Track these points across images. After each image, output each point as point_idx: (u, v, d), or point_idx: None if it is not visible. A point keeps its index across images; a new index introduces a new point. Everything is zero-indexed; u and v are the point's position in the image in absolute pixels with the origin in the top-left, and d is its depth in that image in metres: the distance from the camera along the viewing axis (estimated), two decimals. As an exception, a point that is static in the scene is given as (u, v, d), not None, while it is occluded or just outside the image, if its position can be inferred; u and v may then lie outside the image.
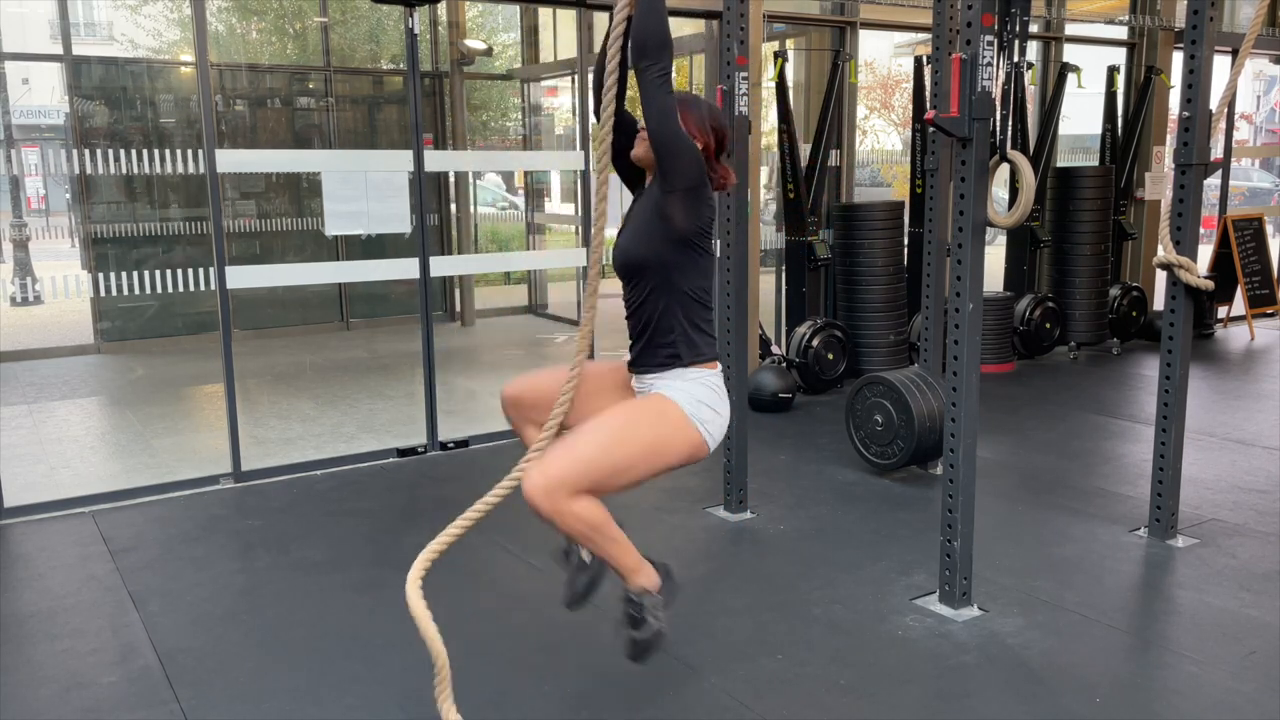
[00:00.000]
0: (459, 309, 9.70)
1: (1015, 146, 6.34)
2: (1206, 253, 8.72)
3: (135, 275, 4.59)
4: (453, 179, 9.61)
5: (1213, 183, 8.92)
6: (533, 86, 10.36)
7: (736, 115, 4.01)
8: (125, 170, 4.68)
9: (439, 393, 5.39)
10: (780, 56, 6.37)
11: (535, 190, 10.93)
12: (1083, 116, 9.29)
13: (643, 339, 2.59)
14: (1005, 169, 3.81)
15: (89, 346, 8.20)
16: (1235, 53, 3.84)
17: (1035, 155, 7.29)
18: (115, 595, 3.59)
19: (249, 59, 9.67)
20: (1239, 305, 8.47)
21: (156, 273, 4.60)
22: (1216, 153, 3.72)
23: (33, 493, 4.57)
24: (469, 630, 3.23)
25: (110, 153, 4.66)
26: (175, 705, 2.86)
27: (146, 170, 4.66)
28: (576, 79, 7.61)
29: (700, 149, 2.54)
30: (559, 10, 9.14)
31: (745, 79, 4.02)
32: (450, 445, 5.38)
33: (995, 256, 6.11)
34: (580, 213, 6.34)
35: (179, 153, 4.66)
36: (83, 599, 3.56)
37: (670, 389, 2.54)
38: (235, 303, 6.58)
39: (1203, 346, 7.90)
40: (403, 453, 5.26)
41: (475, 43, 10.10)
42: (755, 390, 5.94)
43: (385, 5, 5.29)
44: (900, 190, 11.72)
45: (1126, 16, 8.18)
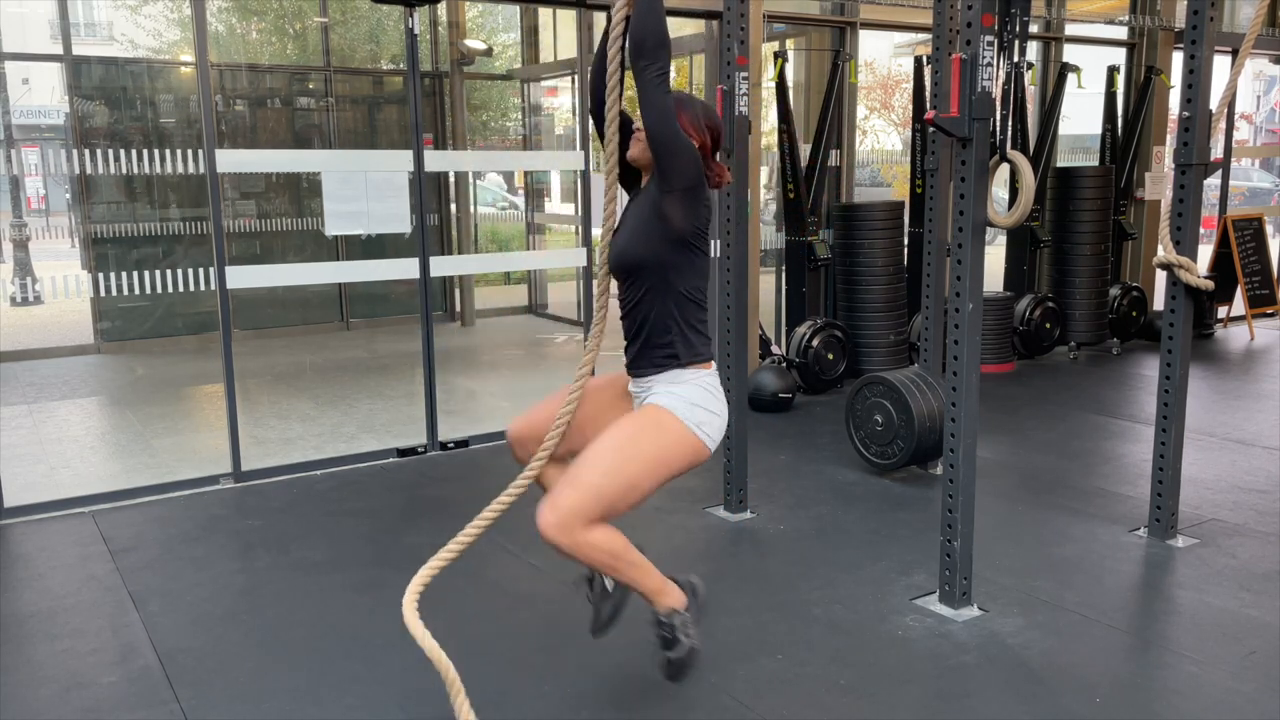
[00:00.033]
0: (459, 309, 9.71)
1: (1015, 146, 6.34)
2: (1206, 253, 8.72)
3: (135, 275, 4.59)
4: (453, 179, 9.62)
5: (1213, 183, 8.92)
6: (533, 86, 10.36)
7: (736, 115, 4.01)
8: (125, 170, 4.67)
9: (439, 393, 5.39)
10: (780, 56, 6.37)
11: (535, 190, 10.94)
12: (1083, 116, 9.29)
13: (639, 340, 2.59)
14: (1005, 169, 3.81)
15: (89, 346, 8.20)
16: (1235, 53, 3.84)
17: (1035, 155, 7.29)
18: (115, 595, 3.59)
19: (249, 59, 9.67)
20: (1239, 305, 8.47)
21: (156, 273, 4.60)
22: (1216, 153, 3.72)
23: (33, 493, 4.57)
24: (469, 630, 3.24)
25: (110, 153, 4.66)
26: (175, 705, 2.86)
27: (146, 170, 4.66)
28: (576, 79, 7.62)
29: (697, 148, 2.54)
30: (559, 10, 9.14)
31: (745, 79, 4.01)
32: (450, 445, 5.38)
33: (995, 256, 6.12)
34: (580, 212, 6.34)
35: (179, 153, 4.66)
36: (83, 599, 3.56)
37: (664, 396, 2.54)
38: (235, 303, 6.58)
39: (1203, 346, 7.90)
40: (403, 453, 5.26)
41: (475, 43, 10.10)
42: (755, 390, 5.94)
43: (385, 5, 5.29)
44: (900, 190, 11.72)
45: (1126, 16, 8.18)
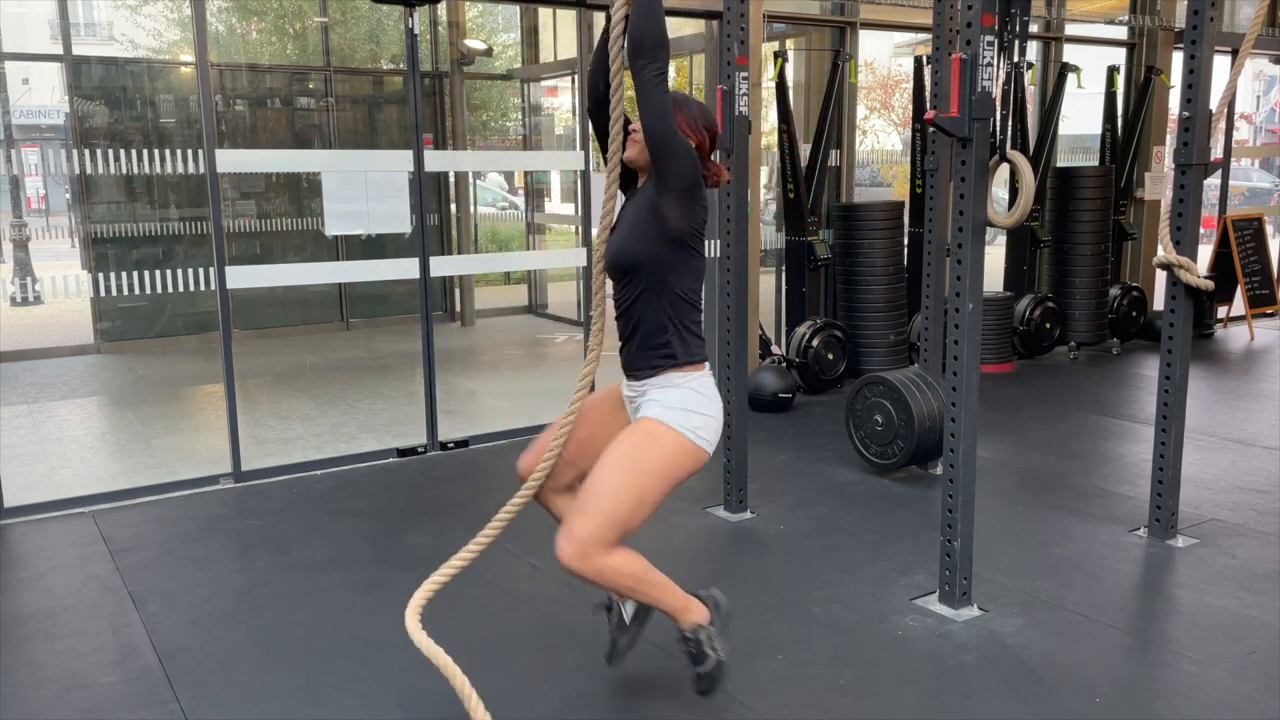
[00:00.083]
0: (459, 309, 9.71)
1: (1015, 146, 6.34)
2: (1206, 253, 8.72)
3: (135, 275, 4.59)
4: (453, 179, 9.62)
5: (1213, 183, 8.92)
6: (533, 86, 10.36)
7: (736, 115, 4.01)
8: (125, 170, 4.67)
9: (439, 393, 5.39)
10: (780, 56, 6.37)
11: (535, 190, 10.94)
12: (1083, 116, 9.29)
13: (634, 340, 2.59)
14: (1005, 169, 3.81)
15: (89, 346, 8.20)
16: (1235, 53, 3.84)
17: (1035, 155, 7.29)
18: (115, 595, 3.59)
19: (249, 59, 9.67)
20: (1239, 305, 8.47)
21: (156, 273, 4.60)
22: (1216, 153, 3.72)
23: (33, 493, 4.58)
24: (469, 631, 3.24)
25: (110, 153, 4.66)
26: (175, 705, 2.86)
27: (146, 170, 4.66)
28: (576, 79, 7.61)
29: (694, 148, 2.54)
30: (559, 10, 9.14)
31: (745, 79, 4.01)
32: (450, 445, 5.38)
33: (995, 256, 6.12)
34: (580, 212, 6.34)
35: (179, 153, 4.65)
36: (83, 599, 3.56)
37: (656, 406, 2.54)
38: (235, 303, 6.58)
39: (1203, 346, 7.90)
40: (403, 453, 5.26)
41: (475, 43, 10.10)
42: (755, 390, 5.94)
43: (385, 5, 5.29)
44: (900, 190, 11.73)
45: (1126, 16, 8.18)
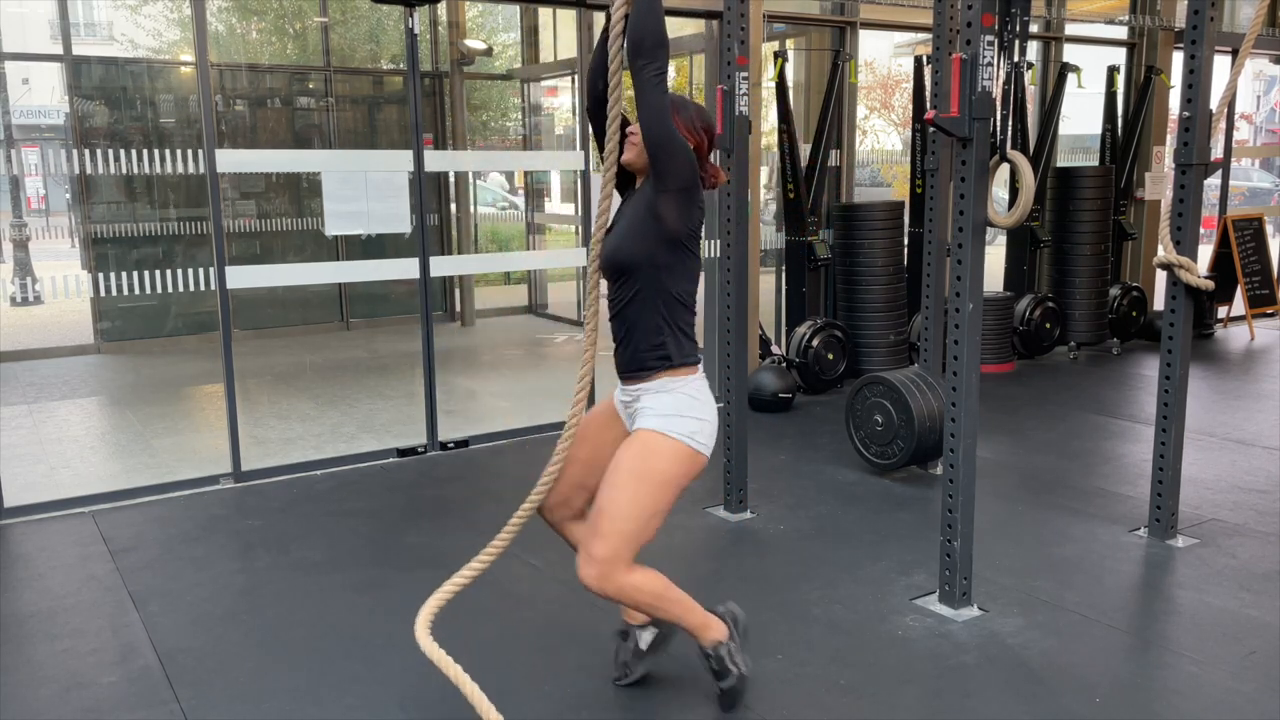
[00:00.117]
0: (459, 309, 9.71)
1: (1015, 146, 6.34)
2: (1206, 253, 8.72)
3: (135, 275, 4.59)
4: (453, 179, 9.62)
5: (1213, 183, 8.92)
6: (533, 86, 10.36)
7: (736, 115, 4.01)
8: (125, 170, 4.67)
9: (439, 393, 5.39)
10: (780, 56, 6.37)
11: (535, 190, 10.94)
12: (1083, 116, 9.30)
13: (630, 342, 2.59)
14: (1005, 169, 3.81)
15: (89, 346, 8.20)
16: (1235, 53, 3.84)
17: (1035, 155, 7.29)
18: (115, 595, 3.59)
19: (249, 59, 9.67)
20: (1239, 305, 8.47)
21: (156, 273, 4.60)
22: (1216, 153, 3.72)
23: (33, 493, 4.57)
24: (470, 631, 3.23)
25: (110, 153, 4.66)
26: (175, 705, 2.86)
27: (146, 170, 4.66)
28: (576, 79, 7.62)
29: (692, 149, 2.54)
30: (559, 10, 9.15)
31: (745, 79, 4.01)
32: (450, 445, 5.38)
33: (995, 256, 6.11)
34: (580, 212, 6.34)
35: (179, 153, 4.65)
36: (83, 599, 3.56)
37: (652, 416, 2.54)
38: (235, 303, 6.58)
39: (1203, 346, 7.90)
40: (403, 453, 5.26)
41: (475, 43, 10.10)
42: (755, 390, 5.94)
43: (385, 5, 5.29)
44: (900, 190, 11.73)
45: (1126, 16, 8.18)
